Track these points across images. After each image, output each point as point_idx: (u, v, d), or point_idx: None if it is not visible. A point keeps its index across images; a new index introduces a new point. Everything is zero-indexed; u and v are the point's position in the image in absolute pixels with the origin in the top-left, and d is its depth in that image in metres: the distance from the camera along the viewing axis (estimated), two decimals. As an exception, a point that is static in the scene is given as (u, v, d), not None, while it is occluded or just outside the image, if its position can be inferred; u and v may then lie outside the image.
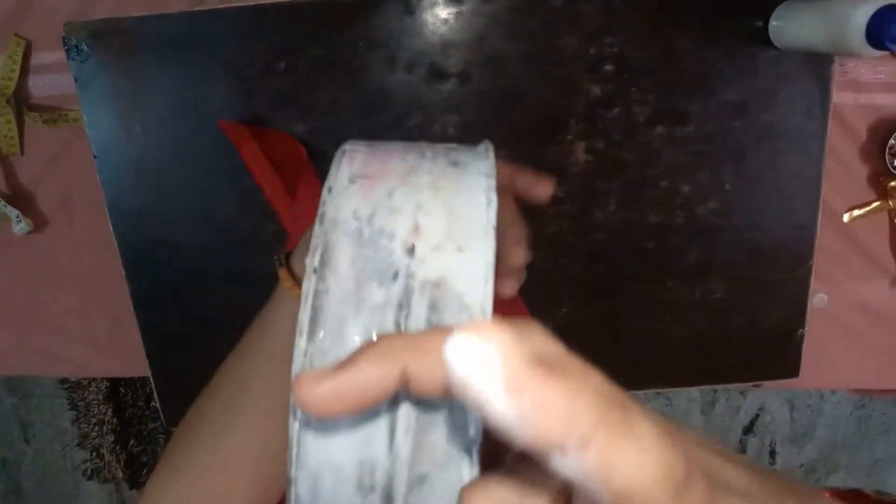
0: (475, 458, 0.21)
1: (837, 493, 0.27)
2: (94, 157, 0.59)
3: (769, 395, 1.73)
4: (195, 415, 0.43)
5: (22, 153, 0.70)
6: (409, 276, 0.22)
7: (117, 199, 0.61)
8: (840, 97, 0.71)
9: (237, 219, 0.61)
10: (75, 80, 0.57)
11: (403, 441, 0.20)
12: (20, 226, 0.71)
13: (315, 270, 0.21)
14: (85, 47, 0.55)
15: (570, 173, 0.58)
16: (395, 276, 0.22)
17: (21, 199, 0.72)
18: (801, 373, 0.67)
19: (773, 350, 0.65)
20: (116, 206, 0.61)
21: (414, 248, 0.22)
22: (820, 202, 0.61)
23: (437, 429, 0.21)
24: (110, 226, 0.63)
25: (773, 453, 1.78)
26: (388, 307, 0.21)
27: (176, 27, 0.56)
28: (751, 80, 0.56)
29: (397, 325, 0.21)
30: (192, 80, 0.56)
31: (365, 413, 0.20)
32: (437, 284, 0.22)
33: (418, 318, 0.21)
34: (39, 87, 0.69)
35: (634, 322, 0.63)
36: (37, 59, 0.68)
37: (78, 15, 0.60)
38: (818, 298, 0.79)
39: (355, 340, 0.21)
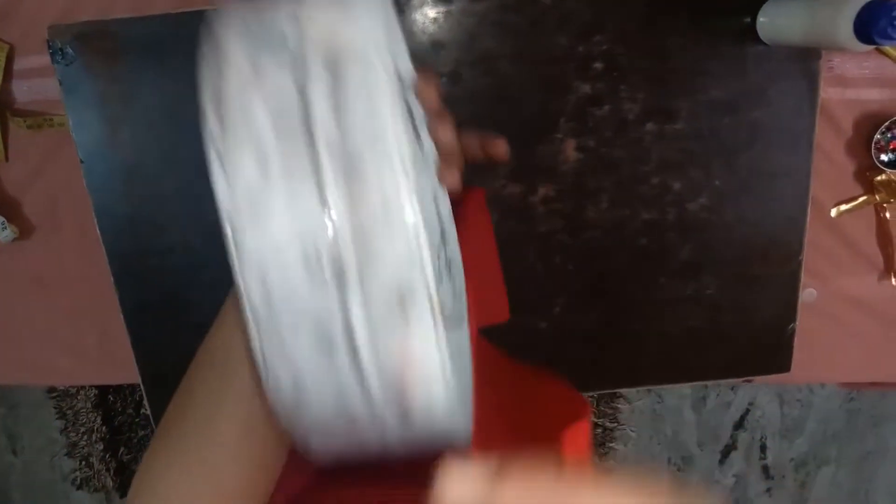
0: (413, 198, 0.20)
1: None
2: (81, 161, 0.58)
3: (759, 390, 1.75)
4: (181, 396, 0.42)
5: (7, 159, 0.69)
6: (300, 37, 0.21)
7: (105, 204, 0.60)
8: (827, 92, 0.71)
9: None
10: (60, 84, 0.57)
11: (335, 201, 0.20)
12: (5, 233, 0.70)
13: (210, 63, 0.21)
14: (70, 50, 0.55)
15: (561, 171, 0.58)
16: (284, 40, 0.21)
17: (6, 206, 0.71)
18: (792, 367, 0.67)
19: (765, 345, 0.65)
20: (104, 211, 0.61)
21: (296, 14, 0.21)
22: (809, 198, 0.62)
23: (368, 181, 0.20)
24: (98, 232, 0.62)
25: (763, 448, 1.80)
26: (284, 69, 0.20)
27: (162, 29, 0.55)
28: (740, 77, 0.57)
29: (299, 90, 0.20)
30: (180, 82, 0.56)
31: (289, 180, 0.20)
32: (329, 38, 0.21)
33: (316, 72, 0.20)
34: (23, 91, 0.68)
35: (628, 320, 0.63)
36: (20, 63, 0.67)
37: (62, 18, 0.59)
38: (808, 293, 0.80)
39: (261, 114, 0.20)
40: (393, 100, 0.20)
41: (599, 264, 0.62)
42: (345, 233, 0.20)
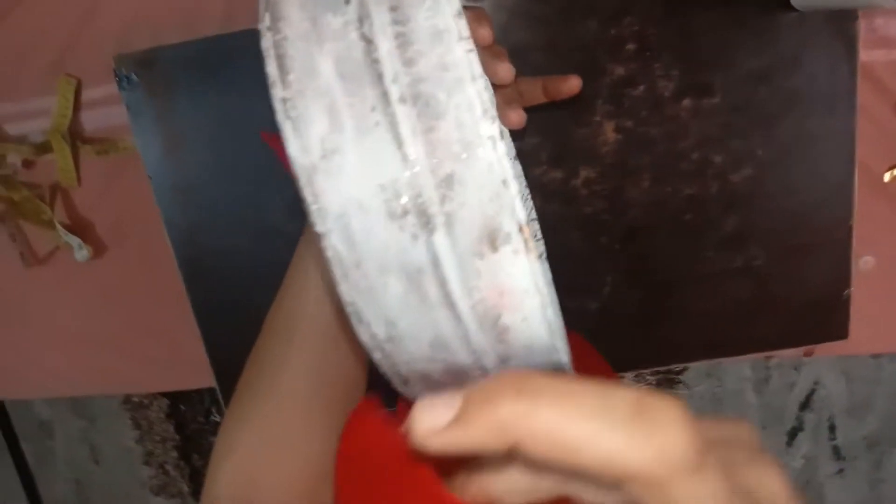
0: (495, 131, 0.19)
1: None
2: (150, 177, 0.62)
3: (823, 368, 1.70)
4: (250, 365, 0.45)
5: (79, 184, 0.75)
6: None
7: (172, 215, 0.65)
8: (870, 55, 0.70)
9: (286, 224, 0.64)
10: (127, 108, 0.61)
11: (413, 146, 0.19)
12: (82, 252, 0.75)
13: (268, 28, 0.21)
14: (134, 77, 0.59)
15: (601, 153, 0.59)
16: (347, 0, 0.20)
17: (81, 228, 0.76)
18: (853, 337, 0.66)
19: (820, 313, 0.65)
20: (172, 221, 0.65)
21: None
22: (854, 161, 0.61)
23: (444, 119, 0.19)
24: (168, 240, 0.66)
25: (832, 428, 1.74)
26: (349, 27, 0.20)
27: (211, 49, 0.59)
28: (773, 46, 0.57)
29: (363, 37, 0.20)
30: (233, 96, 0.59)
31: (362, 129, 0.19)
32: None
33: (381, 24, 0.20)
34: (91, 120, 0.73)
35: (678, 295, 0.63)
36: (86, 95, 0.72)
37: (119, 48, 0.64)
38: (864, 261, 0.78)
39: (328, 70, 0.20)
40: (461, 38, 0.20)
41: (645, 242, 0.63)
42: (426, 177, 0.19)
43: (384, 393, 0.27)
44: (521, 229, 0.20)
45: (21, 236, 0.76)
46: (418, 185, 0.19)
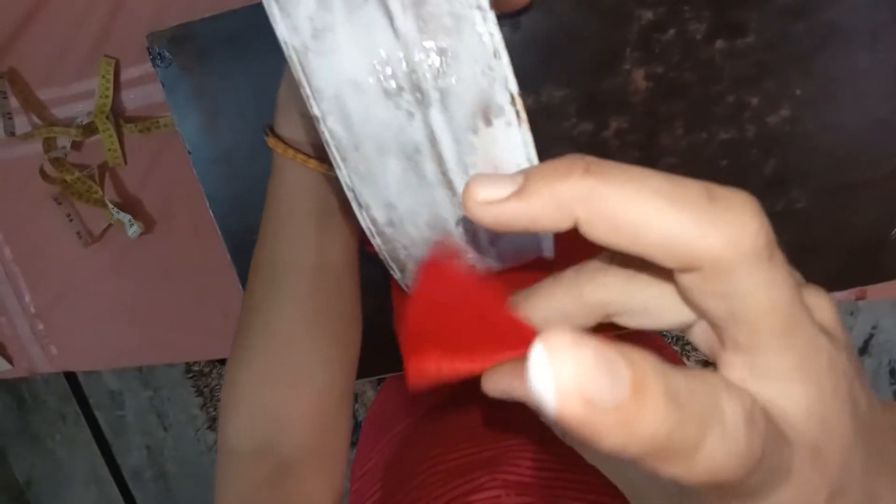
0: (485, 4, 0.19)
1: None
2: (189, 152, 0.64)
3: (881, 313, 1.65)
4: (245, 309, 0.46)
5: (125, 163, 0.78)
6: None
7: (213, 188, 0.67)
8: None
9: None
10: (162, 85, 0.63)
11: (404, 21, 0.19)
12: (133, 229, 0.78)
13: None
14: (167, 54, 0.61)
15: (631, 103, 0.58)
16: None
17: (130, 205, 0.80)
18: (903, 276, 0.65)
19: (868, 253, 0.63)
20: (213, 194, 0.67)
21: None
22: (900, 94, 0.58)
23: None
24: (211, 213, 0.69)
25: (892, 372, 1.70)
26: None
27: (241, 22, 0.60)
28: (810, -22, 0.54)
29: None
30: (267, 67, 0.60)
31: (352, 6, 0.19)
32: None
33: None
34: (131, 100, 0.75)
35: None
36: (125, 74, 0.74)
37: (154, 26, 0.65)
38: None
39: None
40: None
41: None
42: (418, 54, 0.19)
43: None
44: (513, 100, 0.20)
45: (77, 216, 0.80)
46: (411, 60, 0.19)
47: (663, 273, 0.18)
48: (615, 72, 0.57)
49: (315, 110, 0.19)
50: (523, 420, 0.52)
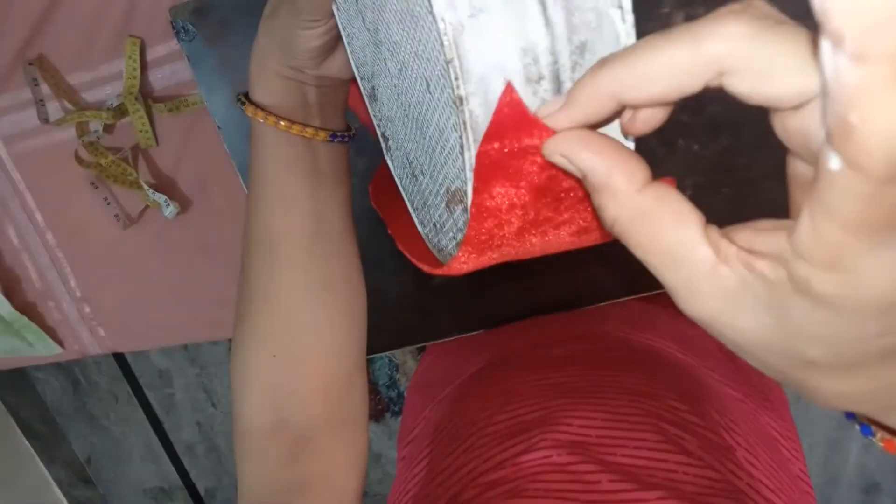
0: (627, 5, 0.20)
1: None
2: (219, 128, 0.64)
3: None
4: (243, 287, 0.44)
5: (157, 144, 0.78)
6: None
7: (246, 161, 0.66)
8: None
9: (356, 163, 0.64)
10: (188, 60, 0.62)
11: (555, 13, 0.20)
12: (169, 209, 0.78)
13: None
14: (190, 26, 0.60)
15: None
16: None
17: (165, 186, 0.80)
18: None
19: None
20: (245, 169, 0.66)
21: None
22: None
23: None
24: (244, 187, 0.68)
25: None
26: None
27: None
28: None
29: None
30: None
31: None
32: None
33: None
34: (158, 79, 0.75)
35: (764, 190, 0.60)
36: (151, 54, 0.74)
37: (175, 1, 0.64)
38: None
39: None
40: None
41: (726, 139, 0.59)
42: (563, 44, 0.20)
43: None
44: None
45: (114, 199, 0.81)
46: (556, 52, 0.20)
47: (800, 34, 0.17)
48: (654, 16, 0.54)
49: (461, 90, 0.20)
50: (569, 383, 0.51)
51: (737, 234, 0.20)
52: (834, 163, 0.15)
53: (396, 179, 0.36)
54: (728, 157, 0.60)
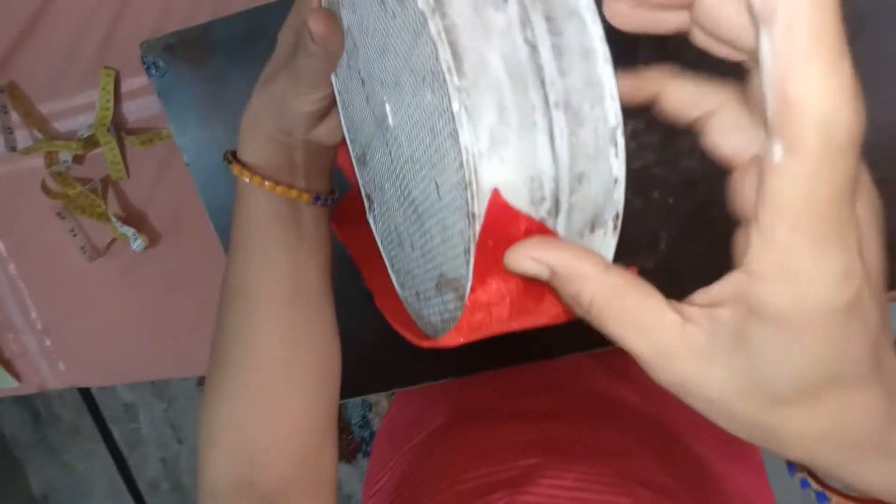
0: (620, 143, 0.23)
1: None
2: (188, 164, 0.63)
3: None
4: (217, 339, 0.44)
5: (128, 176, 0.76)
6: None
7: (214, 200, 0.65)
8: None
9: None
10: (158, 95, 0.61)
11: (561, 147, 0.22)
12: (137, 243, 0.77)
13: (434, 10, 0.22)
14: (161, 62, 0.59)
15: (647, 102, 0.55)
16: None
17: (134, 219, 0.78)
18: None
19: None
20: (214, 206, 0.65)
21: None
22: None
23: (585, 126, 0.23)
24: (212, 225, 0.67)
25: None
26: (513, 27, 0.22)
27: (240, 26, 0.58)
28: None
29: (527, 41, 0.22)
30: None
31: (525, 126, 0.22)
32: None
33: (541, 32, 0.23)
34: (132, 111, 0.74)
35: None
36: (126, 86, 0.73)
37: (155, 34, 0.64)
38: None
39: (497, 66, 0.22)
40: (606, 60, 0.23)
41: (700, 193, 0.59)
42: (565, 172, 0.23)
43: None
44: (616, 217, 0.24)
45: (80, 231, 0.79)
46: (558, 179, 0.23)
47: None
48: (626, 68, 0.55)
49: (475, 209, 0.22)
50: (539, 440, 0.50)
51: (694, 297, 0.22)
52: (777, 153, 0.16)
53: (377, 237, 0.38)
54: (703, 211, 0.60)
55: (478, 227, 0.23)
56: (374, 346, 0.65)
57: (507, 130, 0.22)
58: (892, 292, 0.62)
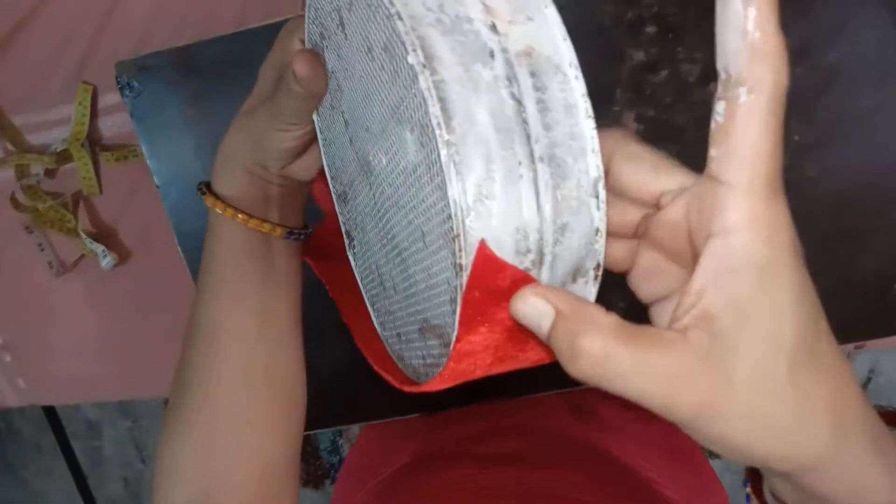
0: (602, 195, 0.24)
1: (881, 412, 0.28)
2: (157, 186, 0.62)
3: (880, 356, 1.61)
4: (179, 375, 0.42)
5: (101, 192, 0.75)
6: (504, 51, 0.23)
7: (182, 222, 0.64)
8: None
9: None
10: (131, 115, 0.60)
11: (546, 199, 0.23)
12: (106, 260, 0.75)
13: (424, 65, 0.22)
14: (136, 83, 0.58)
15: (623, 145, 0.56)
16: (492, 54, 0.23)
17: (105, 235, 0.77)
18: (906, 329, 0.62)
19: (870, 306, 0.60)
20: (182, 229, 0.64)
21: (494, 26, 0.24)
22: (905, 139, 0.56)
23: (568, 179, 0.23)
24: (179, 250, 0.66)
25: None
26: (499, 82, 0.23)
27: (218, 51, 0.58)
28: (808, 20, 0.52)
29: (513, 97, 0.23)
30: (239, 99, 0.58)
31: (510, 180, 0.23)
32: (528, 53, 0.24)
33: (526, 87, 0.23)
34: (108, 127, 0.73)
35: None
36: (103, 101, 0.72)
37: (136, 53, 0.63)
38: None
39: (484, 121, 0.23)
40: (588, 115, 0.24)
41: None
42: (548, 224, 0.23)
43: None
44: (597, 267, 0.25)
45: (49, 246, 0.77)
46: (542, 231, 0.23)
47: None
48: (605, 113, 0.55)
49: (463, 260, 0.23)
50: (501, 486, 0.49)
51: (676, 312, 0.23)
52: (742, 96, 0.20)
53: (357, 275, 0.38)
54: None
55: (465, 278, 0.23)
56: (343, 379, 0.64)
57: (493, 184, 0.22)
58: (879, 339, 0.63)
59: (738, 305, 0.21)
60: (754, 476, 0.31)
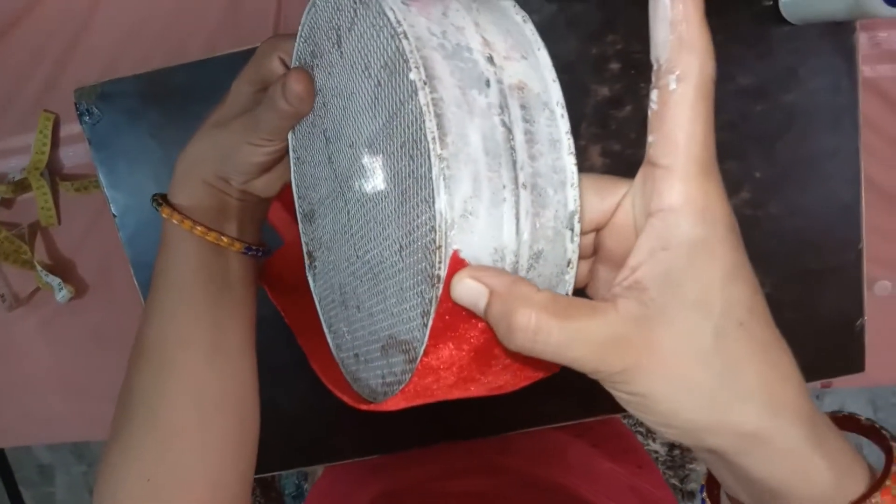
0: (577, 229, 0.25)
1: (832, 416, 0.29)
2: (114, 216, 0.60)
3: (849, 397, 1.62)
4: (125, 398, 0.40)
5: (59, 223, 0.73)
6: (499, 81, 0.25)
7: (141, 255, 0.62)
8: (876, 70, 0.67)
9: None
10: (89, 143, 0.59)
11: (525, 225, 0.24)
12: (62, 293, 0.73)
13: (425, 82, 0.23)
14: (95, 109, 0.57)
15: (588, 179, 0.56)
16: (488, 83, 0.25)
17: (62, 267, 0.75)
18: (870, 368, 0.62)
19: (834, 344, 0.60)
20: (139, 261, 0.62)
21: (492, 58, 0.25)
22: (861, 179, 0.57)
23: (547, 208, 0.25)
24: (135, 282, 0.64)
25: (861, 461, 1.66)
26: (492, 109, 0.24)
27: (183, 78, 0.57)
28: (767, 61, 0.53)
29: (504, 124, 0.24)
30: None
31: (495, 201, 0.24)
32: (520, 88, 0.25)
33: (516, 118, 0.24)
34: (69, 157, 0.72)
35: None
36: (65, 130, 0.71)
37: (101, 80, 0.62)
38: (880, 286, 0.73)
39: (476, 142, 0.24)
40: (570, 152, 0.25)
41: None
42: (525, 249, 0.24)
43: None
44: (566, 291, 0.26)
45: (2, 278, 0.75)
46: (519, 254, 0.24)
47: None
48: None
49: (440, 272, 0.24)
50: None
51: (615, 283, 0.24)
52: (672, 84, 0.22)
53: (315, 296, 0.38)
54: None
55: (440, 290, 0.24)
56: (304, 419, 0.62)
57: (478, 203, 0.23)
58: (849, 376, 0.63)
59: (668, 277, 0.22)
60: (711, 483, 0.31)
